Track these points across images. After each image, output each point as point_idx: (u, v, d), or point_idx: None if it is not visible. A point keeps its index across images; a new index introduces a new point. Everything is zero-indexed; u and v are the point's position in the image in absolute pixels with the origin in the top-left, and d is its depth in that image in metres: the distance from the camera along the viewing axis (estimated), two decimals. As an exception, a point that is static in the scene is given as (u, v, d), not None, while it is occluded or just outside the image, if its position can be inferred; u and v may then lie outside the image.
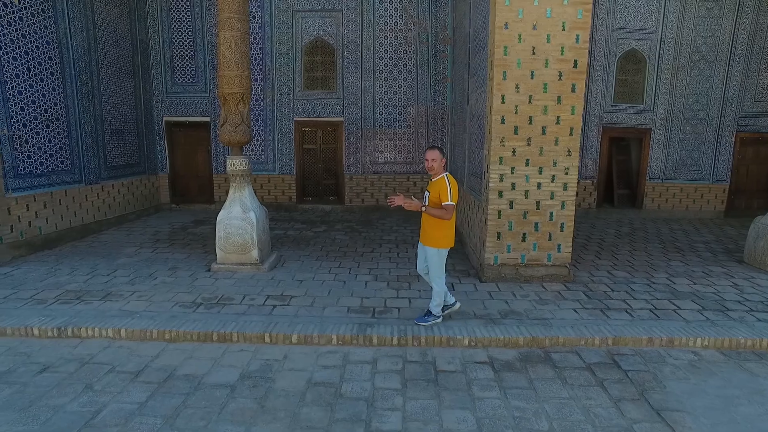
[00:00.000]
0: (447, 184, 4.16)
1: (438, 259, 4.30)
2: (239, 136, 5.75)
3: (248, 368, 3.82)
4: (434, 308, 4.45)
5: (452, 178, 4.24)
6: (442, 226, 4.24)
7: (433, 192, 4.22)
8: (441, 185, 4.18)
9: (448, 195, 4.12)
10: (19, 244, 6.33)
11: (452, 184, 4.16)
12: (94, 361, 3.89)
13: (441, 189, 4.16)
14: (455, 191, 4.16)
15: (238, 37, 5.59)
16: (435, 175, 4.30)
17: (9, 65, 6.11)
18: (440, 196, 4.14)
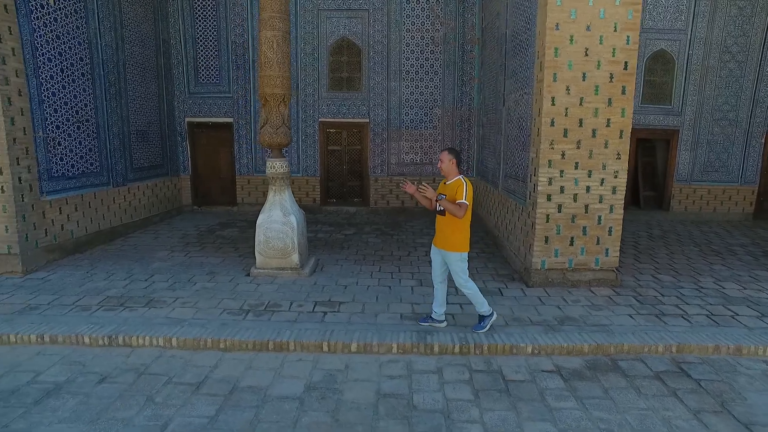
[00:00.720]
0: (463, 184, 4.14)
1: (461, 263, 4.25)
2: (280, 138, 5.64)
3: (311, 379, 3.72)
4: (482, 309, 4.36)
5: (468, 181, 4.19)
6: (462, 229, 4.22)
7: (449, 194, 4.19)
8: (457, 185, 4.15)
9: (463, 194, 4.10)
10: (53, 248, 6.21)
11: (468, 185, 4.12)
12: (149, 372, 3.78)
13: (457, 189, 4.13)
14: (470, 193, 4.12)
15: (279, 37, 5.48)
16: (449, 178, 4.26)
17: (44, 67, 5.99)
18: (456, 195, 4.12)
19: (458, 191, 4.10)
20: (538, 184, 5.35)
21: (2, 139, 5.43)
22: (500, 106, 7.33)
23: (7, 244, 5.65)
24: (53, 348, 4.16)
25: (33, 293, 5.20)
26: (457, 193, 4.10)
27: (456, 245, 4.22)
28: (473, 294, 4.31)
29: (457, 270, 4.25)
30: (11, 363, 3.92)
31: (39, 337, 4.21)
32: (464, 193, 4.08)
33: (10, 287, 5.39)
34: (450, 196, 4.11)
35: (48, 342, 4.21)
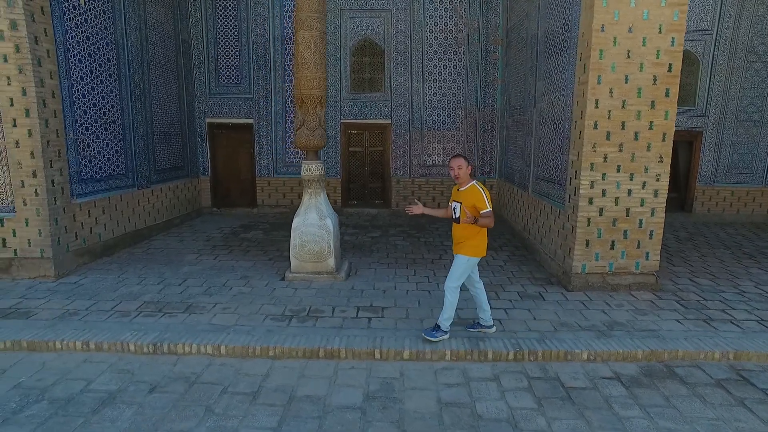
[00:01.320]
0: (481, 191, 4.08)
1: (464, 267, 4.14)
2: (316, 141, 5.56)
3: (368, 388, 3.65)
4: (443, 322, 4.22)
5: (483, 186, 4.16)
6: (482, 234, 4.15)
7: (466, 201, 4.08)
8: (475, 194, 4.07)
9: (486, 202, 4.03)
10: (83, 251, 6.12)
11: (485, 191, 4.12)
12: (201, 381, 3.71)
13: (476, 198, 4.05)
14: (490, 198, 4.06)
15: (317, 37, 5.40)
16: (462, 184, 4.18)
17: (75, 68, 5.90)
18: (477, 206, 4.02)
19: (478, 200, 4.04)
20: (579, 187, 5.28)
21: (37, 141, 5.34)
22: (530, 107, 7.27)
23: (40, 247, 5.56)
24: (99, 355, 4.09)
25: (69, 298, 5.12)
26: (478, 203, 4.03)
27: (469, 249, 4.13)
28: (450, 303, 4.18)
29: (456, 271, 4.14)
30: (61, 370, 3.84)
31: (84, 344, 4.13)
32: (486, 201, 4.03)
33: (44, 292, 5.30)
34: (468, 204, 4.02)
35: (93, 349, 4.13)
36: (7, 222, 5.51)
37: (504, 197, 9.01)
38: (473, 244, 4.12)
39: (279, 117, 9.31)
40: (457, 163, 4.14)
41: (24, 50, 5.16)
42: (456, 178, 4.16)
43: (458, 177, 4.13)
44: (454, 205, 4.22)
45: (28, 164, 5.39)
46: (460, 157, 4.20)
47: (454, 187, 4.32)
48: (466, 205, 4.05)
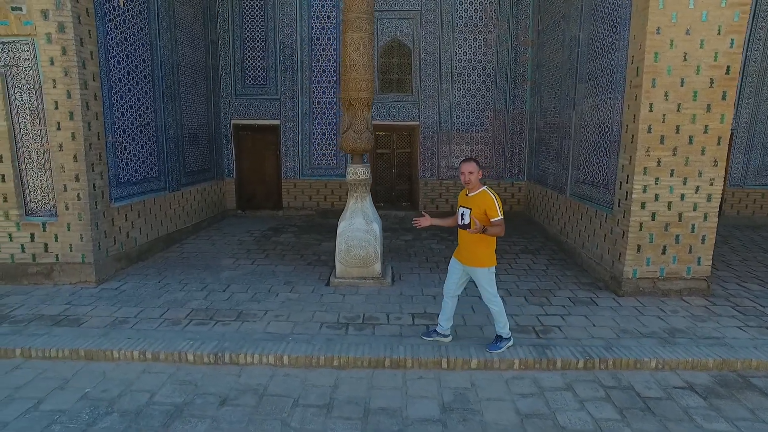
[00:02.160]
0: (493, 198, 3.91)
1: (490, 278, 4.04)
2: (363, 144, 5.47)
3: (443, 399, 3.57)
4: (502, 330, 4.14)
5: (494, 192, 4.01)
6: (488, 243, 3.99)
7: (476, 208, 3.90)
8: (486, 201, 3.89)
9: (497, 210, 3.88)
10: (120, 256, 6.01)
11: (497, 197, 3.96)
12: (269, 393, 3.61)
13: (488, 205, 3.87)
14: (501, 205, 3.95)
15: (366, 39, 5.31)
16: (472, 189, 4.00)
17: (114, 69, 5.79)
18: (488, 213, 3.86)
19: (489, 207, 3.87)
20: (632, 191, 5.20)
21: (80, 144, 5.24)
22: (568, 110, 7.19)
23: (82, 252, 5.45)
24: (157, 365, 3.98)
25: (114, 305, 5.02)
26: (490, 211, 3.87)
27: (482, 260, 3.99)
28: (499, 311, 4.09)
29: (486, 284, 4.03)
30: (122, 381, 3.74)
31: (141, 354, 4.03)
32: (498, 209, 3.87)
33: (88, 298, 5.20)
34: (478, 210, 3.87)
35: (150, 359, 4.03)
36: (49, 227, 5.41)
37: (534, 199, 8.93)
38: (486, 253, 3.99)
39: (306, 118, 9.20)
40: (468, 168, 3.94)
41: (70, 52, 5.06)
42: (467, 184, 3.98)
43: (469, 182, 3.95)
44: (462, 210, 4.02)
45: (71, 168, 5.29)
46: (471, 162, 3.99)
47: (462, 191, 4.11)
48: (476, 212, 3.89)
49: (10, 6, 4.97)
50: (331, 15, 8.88)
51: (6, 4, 4.96)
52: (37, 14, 5.00)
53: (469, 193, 4.00)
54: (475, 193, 3.98)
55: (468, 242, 3.99)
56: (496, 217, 3.85)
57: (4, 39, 5.07)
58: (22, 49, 5.11)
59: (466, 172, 3.94)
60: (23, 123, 5.28)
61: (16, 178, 5.33)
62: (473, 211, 3.88)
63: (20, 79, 5.17)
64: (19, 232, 5.42)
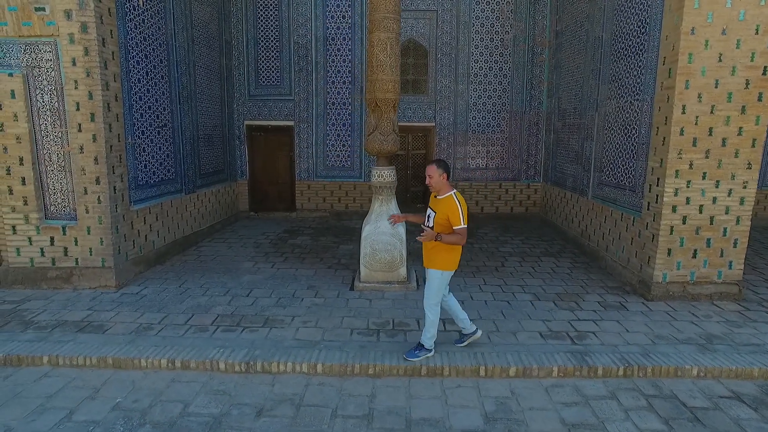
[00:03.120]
0: (457, 204, 3.73)
1: (439, 282, 3.87)
2: (390, 146, 5.38)
3: (485, 408, 3.47)
4: (426, 341, 3.97)
5: (461, 198, 3.83)
6: (449, 248, 3.83)
7: (440, 212, 3.79)
8: (450, 206, 3.74)
9: (460, 218, 3.70)
10: (139, 260, 5.91)
11: (463, 204, 3.77)
12: (306, 403, 3.51)
13: (451, 211, 3.72)
14: (466, 212, 3.77)
15: (393, 39, 5.22)
16: (439, 193, 3.86)
17: (134, 69, 5.69)
18: (450, 219, 3.72)
19: (453, 214, 3.70)
20: (663, 194, 5.12)
21: (101, 146, 5.13)
22: (589, 111, 7.11)
23: (102, 257, 5.35)
24: (187, 374, 3.89)
25: (137, 310, 4.92)
26: (452, 218, 3.70)
27: (440, 262, 3.84)
28: (432, 322, 3.94)
29: (431, 287, 3.86)
30: (153, 390, 3.64)
31: (170, 362, 3.93)
32: (461, 217, 3.70)
33: (109, 303, 5.10)
34: (442, 215, 3.74)
35: (179, 367, 3.93)
36: (69, 230, 5.30)
37: (551, 201, 8.84)
38: (446, 258, 3.83)
39: (320, 119, 9.11)
40: (428, 171, 3.81)
41: (93, 53, 4.96)
42: (430, 187, 3.84)
43: (431, 186, 3.81)
44: (429, 212, 3.89)
45: (92, 170, 5.18)
46: (432, 165, 3.86)
47: (432, 194, 3.96)
48: (440, 216, 3.77)
49: (33, 6, 4.86)
50: (346, 15, 8.78)
51: (29, 5, 4.86)
52: (60, 14, 4.90)
53: (438, 196, 3.85)
54: (443, 196, 3.85)
55: (430, 246, 3.90)
56: (458, 225, 3.69)
57: (26, 40, 4.97)
58: (44, 50, 5.01)
59: (427, 175, 3.84)
60: (44, 125, 5.18)
61: (36, 181, 5.23)
62: (437, 216, 3.75)
63: (42, 80, 5.07)
64: (38, 235, 5.32)
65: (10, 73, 5.00)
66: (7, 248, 5.34)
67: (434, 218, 3.76)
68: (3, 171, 5.18)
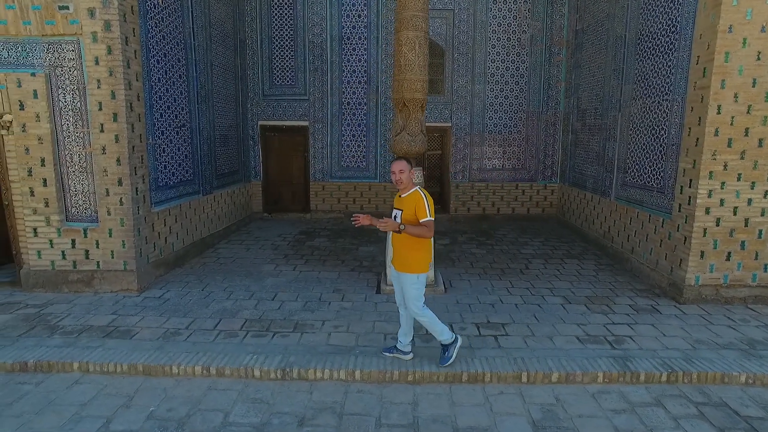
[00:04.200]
0: (423, 197, 3.68)
1: (418, 286, 3.75)
2: (417, 147, 5.28)
3: (532, 416, 3.38)
4: (442, 336, 3.85)
5: (426, 192, 3.78)
6: (421, 247, 3.74)
7: (407, 209, 3.70)
8: (416, 200, 3.68)
9: (426, 210, 3.63)
10: (159, 263, 5.81)
11: (429, 197, 3.72)
12: (348, 412, 3.41)
13: (417, 204, 3.65)
14: (432, 206, 3.71)
15: (422, 38, 5.13)
16: (404, 190, 3.77)
17: (154, 69, 5.58)
18: (416, 212, 3.64)
19: (419, 207, 3.63)
20: (696, 196, 5.04)
21: (124, 147, 5.03)
22: (612, 112, 7.03)
23: (123, 260, 5.24)
24: (222, 381, 3.78)
25: (162, 315, 4.80)
26: (418, 211, 3.63)
27: (412, 265, 3.72)
28: (430, 322, 3.81)
29: (412, 295, 3.75)
30: (189, 399, 3.54)
31: (205, 369, 3.82)
32: (427, 209, 3.62)
33: (133, 307, 4.99)
34: (409, 212, 3.66)
35: (214, 374, 3.83)
36: (90, 233, 5.20)
37: (569, 202, 8.76)
38: (418, 258, 3.73)
39: (335, 119, 9.01)
40: (398, 166, 3.71)
41: (116, 52, 4.86)
42: (398, 183, 3.73)
43: (400, 182, 3.71)
44: (394, 213, 3.80)
45: (114, 171, 5.08)
46: (401, 160, 3.79)
47: (397, 194, 3.88)
48: (407, 213, 3.68)
49: (57, 5, 4.76)
50: (362, 14, 8.69)
51: (53, 3, 4.75)
52: (84, 13, 4.79)
53: (401, 194, 3.78)
54: (407, 193, 3.77)
55: (399, 246, 3.78)
56: (425, 217, 3.61)
57: (49, 39, 4.87)
58: (67, 49, 4.91)
59: (396, 171, 3.71)
60: (66, 125, 5.07)
61: (57, 183, 5.12)
62: (404, 213, 3.66)
63: (64, 79, 4.96)
64: (59, 238, 5.21)
65: (33, 73, 4.90)
66: (28, 251, 5.23)
67: (401, 216, 3.67)
68: (24, 172, 5.08)
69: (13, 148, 5.06)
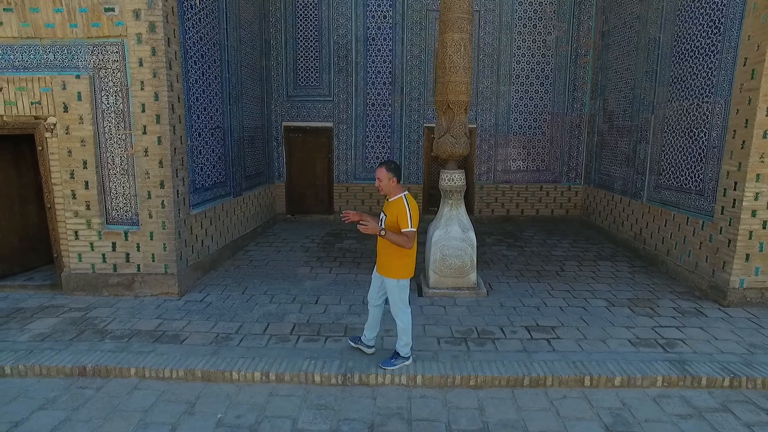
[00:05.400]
0: (406, 207, 3.62)
1: (398, 291, 3.77)
2: (461, 149, 5.27)
3: (603, 420, 3.36)
4: (402, 349, 3.88)
5: (412, 200, 3.73)
6: (402, 254, 3.71)
7: (390, 215, 3.68)
8: (399, 208, 3.63)
9: (408, 220, 3.57)
10: (197, 266, 5.76)
11: (413, 207, 3.66)
12: (416, 417, 3.38)
13: (399, 213, 3.61)
14: (416, 215, 3.64)
15: (467, 40, 5.11)
16: (390, 195, 3.73)
17: (191, 70, 5.53)
18: (398, 221, 3.61)
19: (401, 216, 3.58)
20: (742, 199, 5.03)
21: (166, 149, 4.99)
22: (644, 113, 7.01)
23: (164, 263, 5.20)
24: (282, 387, 3.75)
25: (208, 319, 4.76)
26: (401, 220, 3.59)
27: (393, 271, 3.73)
28: (404, 329, 3.83)
29: (395, 298, 3.77)
30: (254, 405, 3.50)
31: (264, 375, 3.79)
32: (409, 220, 3.57)
33: (176, 311, 4.95)
34: (391, 218, 3.64)
35: (274, 380, 3.80)
36: (131, 236, 5.15)
37: (594, 204, 8.75)
38: (401, 264, 3.72)
39: (359, 121, 8.97)
40: (378, 174, 3.67)
41: (159, 53, 4.81)
42: (380, 190, 3.71)
43: (381, 189, 3.69)
44: (381, 216, 3.79)
45: (156, 174, 5.04)
46: (381, 167, 3.70)
47: (386, 198, 3.86)
48: (390, 218, 3.65)
49: (103, 7, 4.71)
50: (387, 15, 8.65)
51: (99, 5, 4.70)
52: (129, 14, 4.75)
53: (389, 198, 3.75)
54: (393, 199, 3.73)
55: (382, 250, 3.77)
56: (405, 227, 3.57)
57: (94, 41, 4.82)
58: (111, 51, 4.86)
59: (377, 177, 3.71)
60: (107, 127, 5.02)
61: (99, 185, 5.08)
62: (387, 218, 3.64)
63: (107, 81, 4.91)
64: (100, 241, 5.16)
65: (78, 75, 4.85)
66: (69, 254, 5.18)
67: (385, 221, 3.66)
68: (67, 175, 5.03)
69: (56, 150, 5.01)
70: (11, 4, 4.66)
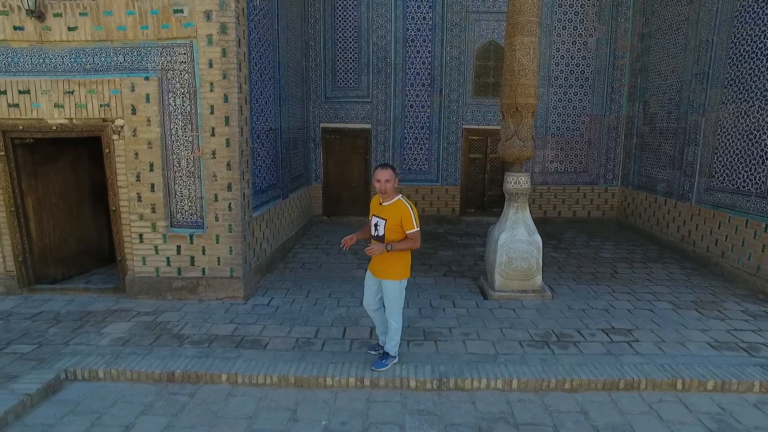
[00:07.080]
0: (409, 208, 3.66)
1: (399, 293, 3.80)
2: (528, 152, 5.25)
3: (706, 425, 3.35)
4: (392, 349, 3.93)
5: (411, 202, 3.76)
6: (403, 255, 3.75)
7: (391, 219, 3.65)
8: (402, 211, 3.65)
9: (413, 221, 3.63)
10: (257, 269, 5.72)
11: (413, 207, 3.71)
12: (521, 422, 3.37)
13: (404, 215, 3.63)
14: (417, 215, 3.71)
15: (535, 43, 5.10)
16: (387, 198, 3.71)
17: (253, 71, 5.47)
18: (403, 224, 3.62)
19: (405, 219, 3.61)
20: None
21: (234, 152, 4.94)
22: (693, 116, 7.01)
23: (230, 266, 5.15)
24: (378, 393, 3.74)
25: (282, 323, 4.72)
26: (405, 222, 3.61)
27: (394, 273, 3.75)
28: (396, 329, 3.87)
29: (394, 299, 3.80)
30: (355, 411, 3.46)
31: (359, 381, 3.76)
32: (413, 221, 3.62)
33: (247, 315, 4.91)
34: (394, 222, 3.63)
35: (368, 385, 3.78)
36: (196, 239, 5.10)
37: (635, 206, 8.72)
38: (402, 266, 3.76)
39: (398, 122, 8.93)
40: (384, 175, 3.62)
41: (230, 54, 4.77)
42: (382, 193, 3.68)
43: (385, 191, 3.65)
44: (375, 221, 3.75)
45: (224, 176, 4.99)
46: (387, 169, 3.68)
47: (373, 198, 3.86)
48: (392, 223, 3.64)
49: (172, 9, 4.66)
50: (426, 16, 8.62)
51: (169, 7, 4.65)
52: (200, 16, 4.70)
53: (383, 202, 3.72)
54: (390, 202, 3.72)
55: (383, 255, 3.71)
56: (412, 229, 3.61)
57: (163, 43, 4.77)
58: (179, 52, 4.81)
59: (382, 179, 3.63)
60: (174, 129, 4.97)
61: (165, 188, 5.03)
62: (388, 222, 3.63)
63: (175, 83, 4.86)
64: (165, 244, 5.11)
65: (146, 77, 4.81)
66: (134, 257, 5.13)
67: (385, 225, 3.63)
68: (133, 177, 4.98)
69: (123, 153, 4.96)
70: (86, 8, 4.61)
